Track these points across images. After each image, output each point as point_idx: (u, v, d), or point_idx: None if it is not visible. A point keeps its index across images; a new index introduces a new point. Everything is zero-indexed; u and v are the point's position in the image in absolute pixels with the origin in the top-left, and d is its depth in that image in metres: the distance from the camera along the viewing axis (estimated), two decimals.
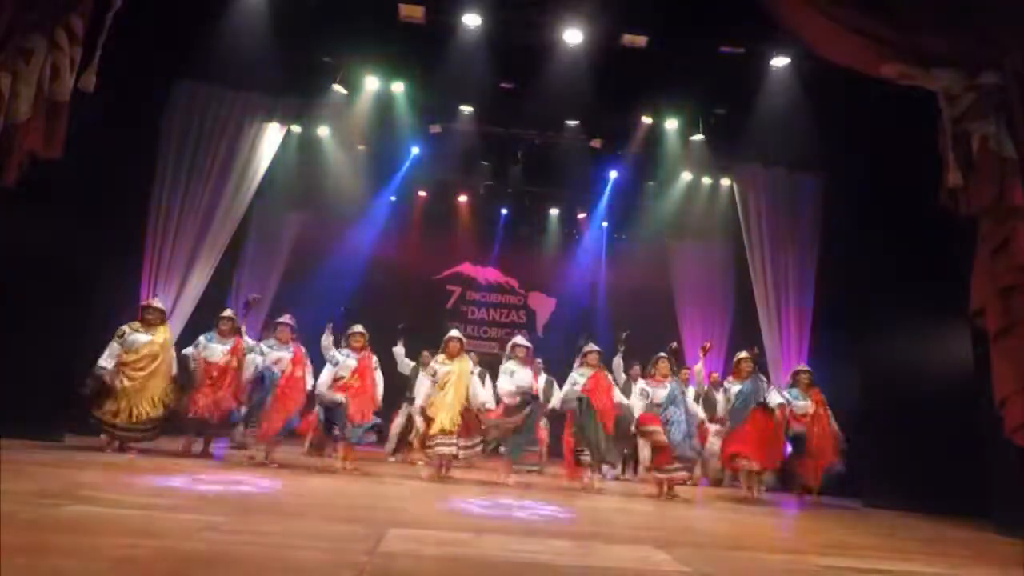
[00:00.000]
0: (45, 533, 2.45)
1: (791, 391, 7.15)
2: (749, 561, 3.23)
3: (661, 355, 6.58)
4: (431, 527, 3.49)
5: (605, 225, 12.73)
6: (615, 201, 11.70)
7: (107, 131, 6.27)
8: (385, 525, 3.20)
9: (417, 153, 10.69)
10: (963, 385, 5.85)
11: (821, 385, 7.24)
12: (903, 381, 7.09)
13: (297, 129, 9.45)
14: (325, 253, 11.58)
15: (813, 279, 8.86)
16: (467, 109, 9.31)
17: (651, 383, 6.43)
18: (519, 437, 6.46)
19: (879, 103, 6.43)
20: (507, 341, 11.02)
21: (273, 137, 8.79)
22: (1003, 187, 3.16)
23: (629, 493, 6.52)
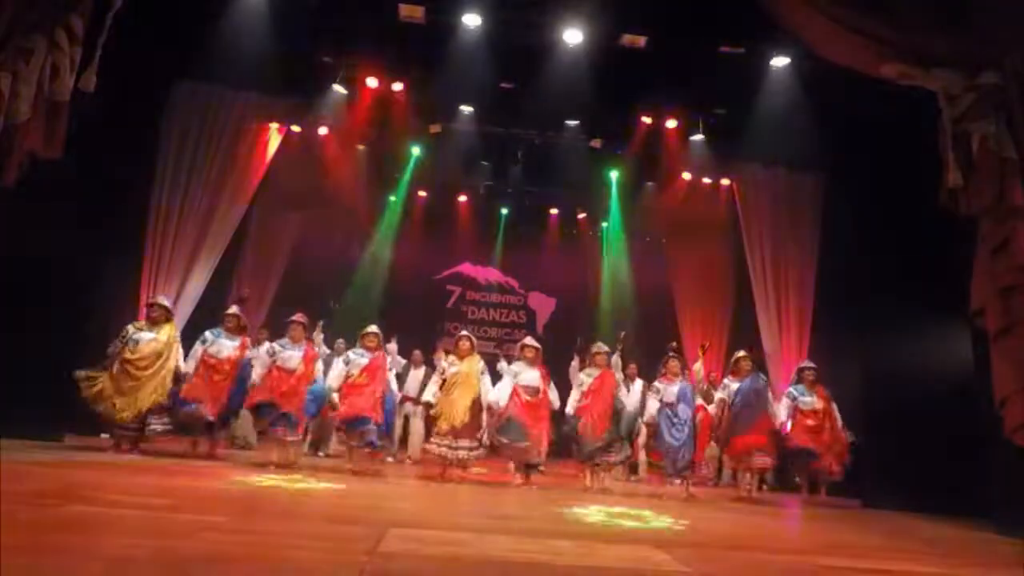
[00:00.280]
0: (45, 533, 2.45)
1: (797, 387, 7.14)
2: (749, 561, 3.23)
3: (671, 354, 6.80)
4: (431, 527, 3.49)
5: (605, 225, 12.73)
6: (615, 201, 11.69)
7: (107, 131, 6.27)
8: (385, 525, 3.20)
9: (418, 154, 10.69)
10: (963, 385, 5.84)
11: (821, 385, 7.23)
12: (903, 381, 7.08)
13: (297, 129, 9.45)
14: (325, 253, 11.56)
15: (813, 279, 8.85)
16: (467, 109, 9.30)
17: (662, 381, 6.64)
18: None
19: (879, 103, 6.42)
20: (507, 341, 11.05)
21: (273, 137, 8.79)
22: (1003, 187, 3.16)
23: (629, 493, 6.51)
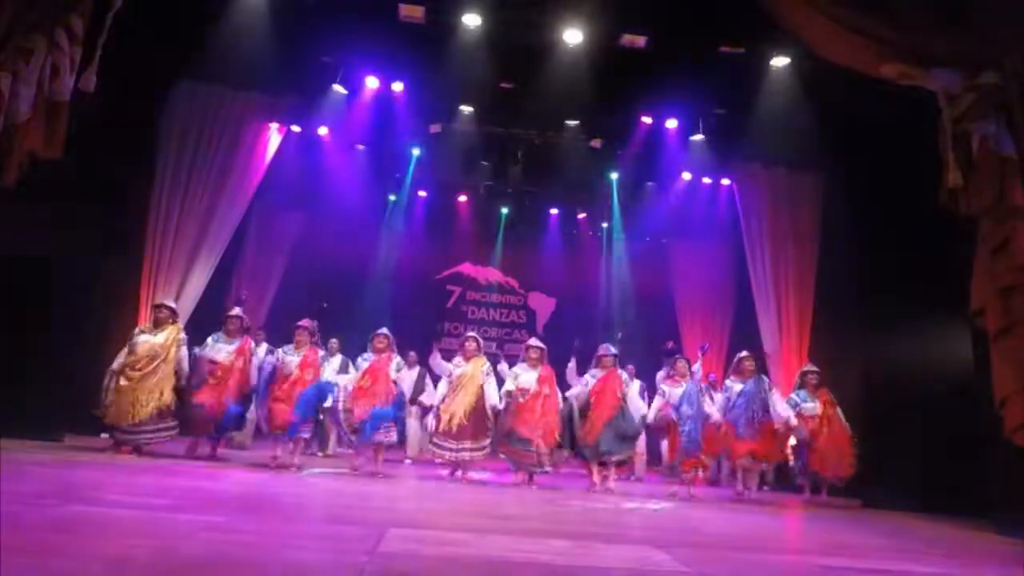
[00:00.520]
0: (45, 533, 2.45)
1: (799, 392, 7.13)
2: (749, 561, 3.23)
3: (678, 356, 7.02)
4: (431, 527, 3.49)
5: (605, 225, 12.73)
6: (615, 201, 11.68)
7: (107, 131, 6.27)
8: (385, 525, 3.20)
9: (418, 154, 10.69)
10: (963, 385, 5.84)
11: (824, 388, 7.21)
12: (903, 381, 7.08)
13: (297, 129, 9.45)
14: (325, 253, 11.56)
15: (813, 279, 8.84)
16: (467, 109, 9.30)
17: (668, 382, 6.78)
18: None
19: (879, 103, 6.42)
20: (507, 341, 11.02)
21: (273, 137, 8.79)
22: (1003, 187, 3.15)
23: (628, 493, 6.51)
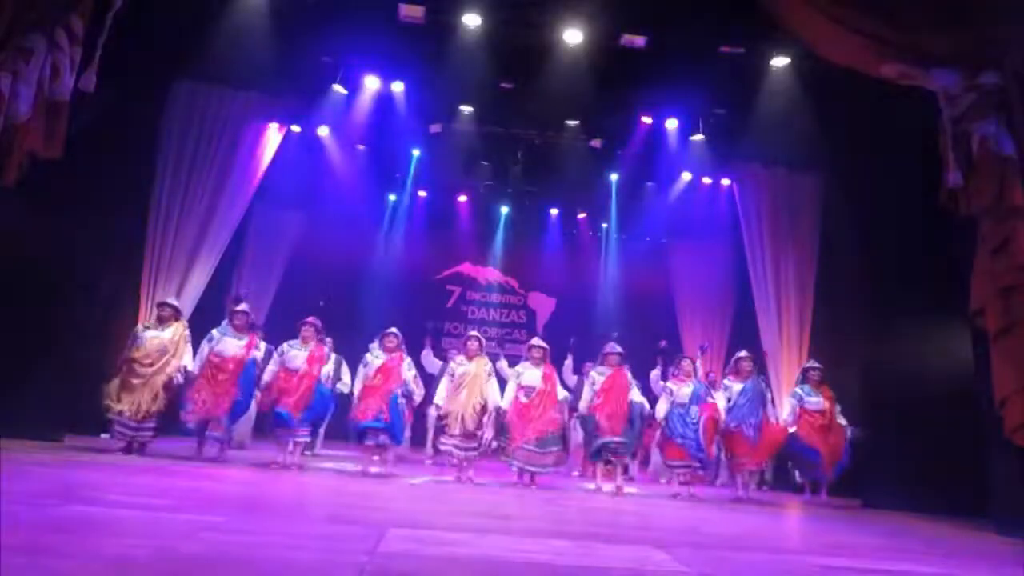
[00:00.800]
0: (45, 533, 2.45)
1: (802, 387, 7.12)
2: (749, 561, 3.23)
3: (685, 355, 7.02)
4: (431, 527, 3.49)
5: (605, 226, 12.73)
6: (615, 201, 11.69)
7: (107, 131, 6.27)
8: (385, 525, 3.20)
9: (418, 154, 10.68)
10: (963, 385, 5.84)
11: (826, 385, 7.20)
12: (903, 381, 7.07)
13: (297, 129, 9.45)
14: (325, 253, 11.56)
15: (813, 279, 8.84)
16: (467, 109, 9.30)
17: (675, 382, 6.71)
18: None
19: (879, 103, 6.42)
20: (507, 341, 10.95)
21: (273, 137, 8.79)
22: (1003, 187, 3.16)
23: (631, 493, 6.51)
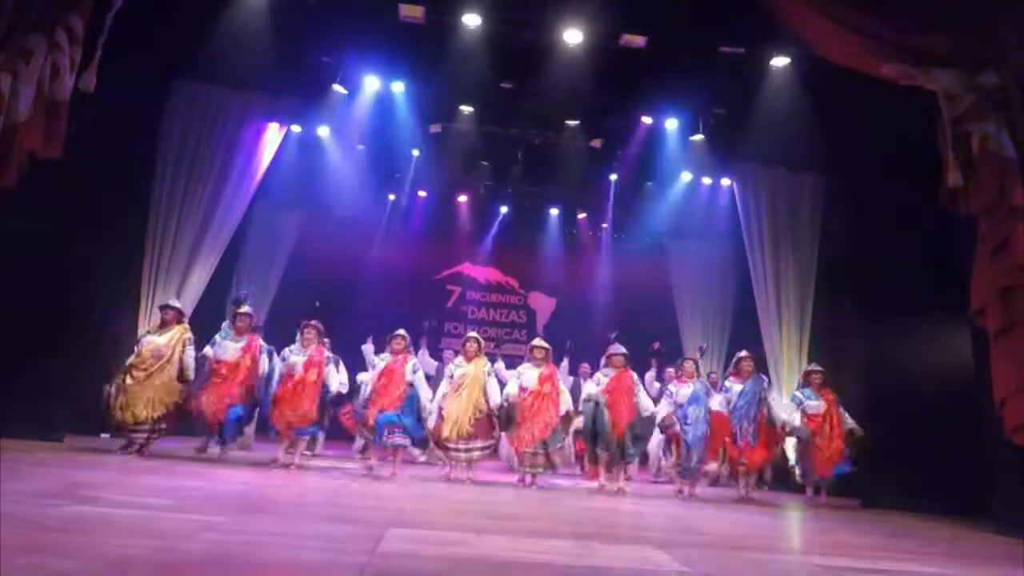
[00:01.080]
0: (45, 533, 2.45)
1: (804, 391, 7.11)
2: (749, 561, 3.23)
3: (687, 357, 7.00)
4: (431, 527, 3.49)
5: (605, 226, 12.73)
6: (615, 201, 11.69)
7: (107, 131, 6.27)
8: (385, 525, 3.20)
9: (418, 154, 10.68)
10: (963, 385, 5.85)
11: (828, 388, 7.19)
12: (903, 381, 7.08)
13: (297, 129, 9.45)
14: (325, 253, 11.55)
15: (813, 279, 8.85)
16: (467, 109, 9.29)
17: (676, 382, 6.71)
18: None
19: (879, 103, 6.42)
20: (507, 341, 10.92)
21: (273, 137, 8.79)
22: (1003, 187, 3.16)
23: (631, 493, 6.51)
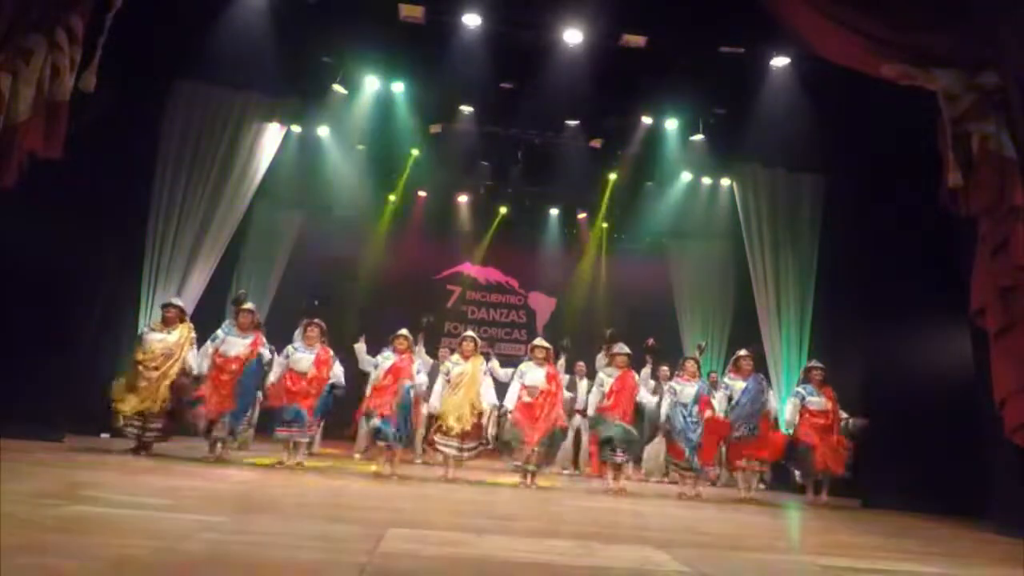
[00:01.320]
0: (45, 533, 2.45)
1: (805, 387, 7.09)
2: (749, 561, 3.23)
3: (689, 356, 6.96)
4: (431, 527, 3.49)
5: (605, 225, 12.73)
6: (615, 201, 11.69)
7: (107, 131, 6.26)
8: (385, 525, 3.19)
9: (417, 154, 10.68)
10: (963, 385, 5.84)
11: (829, 385, 7.19)
12: (903, 381, 7.08)
13: (297, 129, 9.45)
14: (325, 253, 11.56)
15: (813, 279, 8.85)
16: (467, 109, 9.30)
17: (678, 381, 6.67)
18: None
19: (879, 103, 6.42)
20: (507, 341, 10.93)
21: (273, 137, 8.79)
22: (1003, 187, 3.16)
23: (631, 493, 6.51)
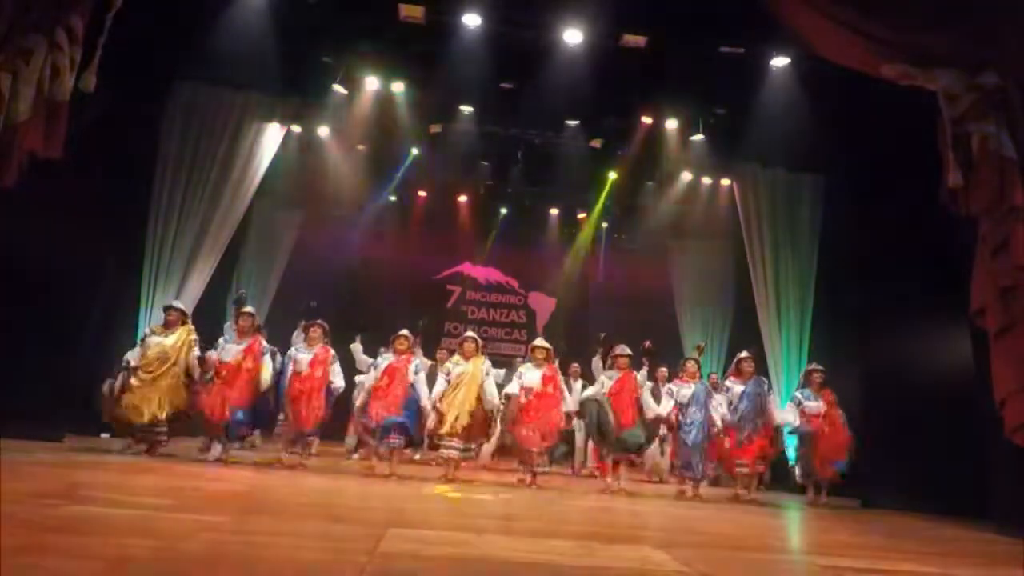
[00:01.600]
0: (45, 533, 2.45)
1: (803, 391, 7.10)
2: (749, 561, 3.23)
3: (689, 357, 6.95)
4: (431, 527, 3.49)
5: (605, 225, 12.73)
6: (615, 201, 11.69)
7: (107, 131, 6.26)
8: (385, 525, 3.19)
9: (417, 153, 10.69)
10: (963, 385, 5.84)
11: (828, 388, 7.18)
12: (903, 381, 7.07)
13: (297, 129, 9.45)
14: (325, 253, 11.57)
15: (813, 279, 8.85)
16: (467, 109, 9.29)
17: (677, 383, 6.71)
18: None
19: (879, 103, 6.42)
20: (507, 341, 10.92)
21: (273, 137, 8.79)
22: (1003, 187, 3.16)
23: (631, 493, 6.51)
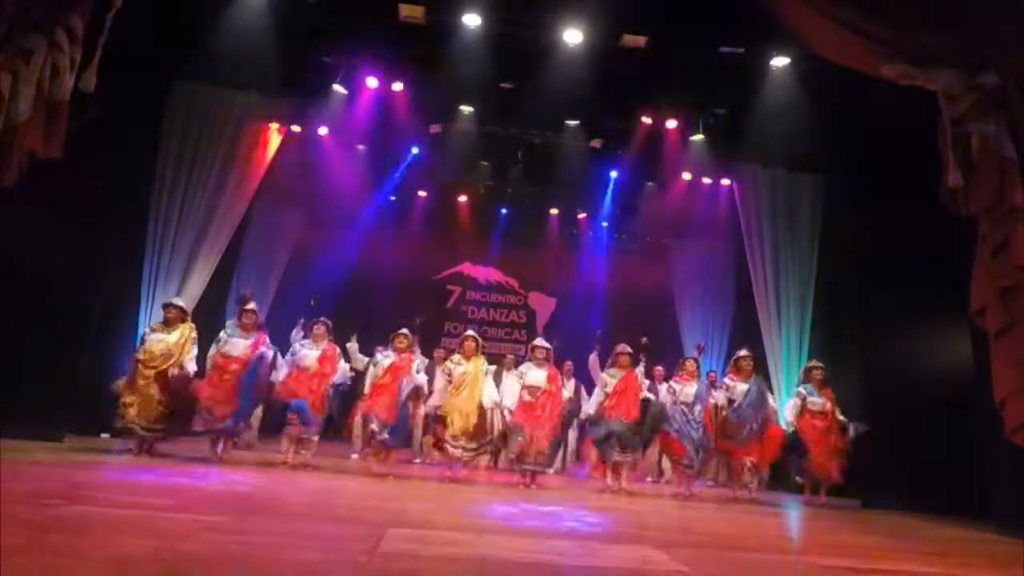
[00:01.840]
0: (45, 533, 2.45)
1: (805, 387, 7.07)
2: (749, 561, 3.23)
3: (689, 356, 6.98)
4: (431, 527, 3.49)
5: (605, 225, 12.73)
6: (615, 201, 11.70)
7: (107, 131, 6.26)
8: (385, 525, 3.20)
9: (417, 153, 10.69)
10: (963, 385, 5.84)
11: (828, 387, 7.18)
12: (903, 381, 7.08)
13: (297, 129, 9.45)
14: (325, 253, 11.57)
15: (813, 279, 8.85)
16: (467, 109, 9.29)
17: (678, 381, 6.69)
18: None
19: (879, 103, 6.42)
20: (507, 341, 10.95)
21: (273, 137, 8.79)
22: (1003, 187, 3.16)
23: (631, 493, 6.51)
